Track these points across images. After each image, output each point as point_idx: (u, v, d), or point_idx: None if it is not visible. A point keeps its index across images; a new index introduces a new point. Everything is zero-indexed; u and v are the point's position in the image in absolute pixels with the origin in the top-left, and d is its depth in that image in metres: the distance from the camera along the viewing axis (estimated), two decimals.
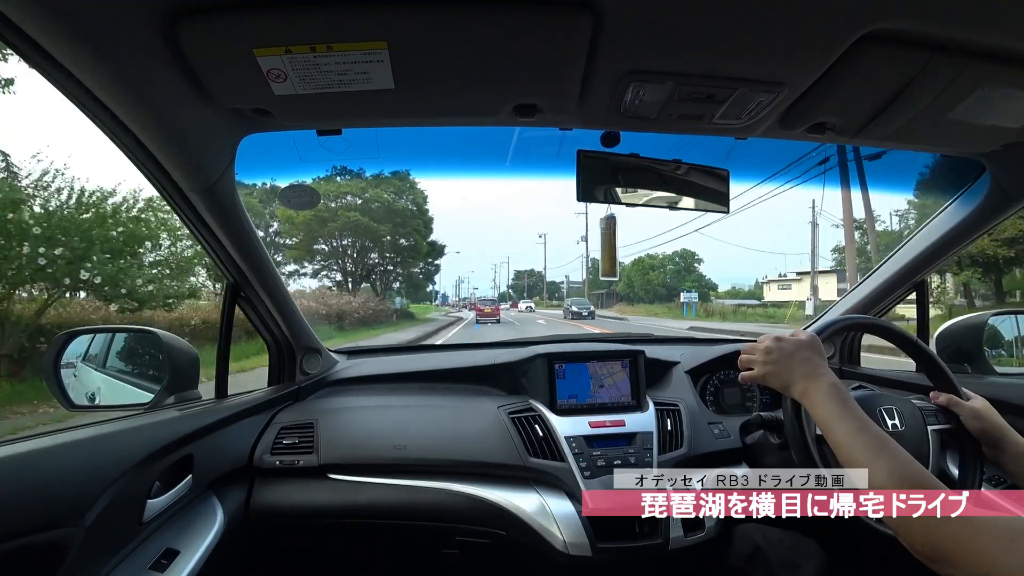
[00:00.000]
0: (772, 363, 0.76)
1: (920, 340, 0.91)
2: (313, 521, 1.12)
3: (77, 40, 0.58)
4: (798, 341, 0.77)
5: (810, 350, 0.76)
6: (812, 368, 0.73)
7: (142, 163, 0.81)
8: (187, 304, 7.84)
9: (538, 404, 1.20)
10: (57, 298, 6.27)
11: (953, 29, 0.63)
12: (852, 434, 0.64)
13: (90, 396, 1.11)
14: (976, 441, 0.82)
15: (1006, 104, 0.78)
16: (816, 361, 0.74)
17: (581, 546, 0.99)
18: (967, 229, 1.14)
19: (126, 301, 6.38)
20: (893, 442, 0.63)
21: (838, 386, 0.70)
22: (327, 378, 1.41)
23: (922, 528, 0.54)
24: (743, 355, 0.82)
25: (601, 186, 0.98)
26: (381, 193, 18.11)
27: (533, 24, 0.62)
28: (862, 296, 1.39)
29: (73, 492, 0.69)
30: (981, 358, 1.20)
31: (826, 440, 0.70)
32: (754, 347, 0.80)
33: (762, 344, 0.79)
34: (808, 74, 0.71)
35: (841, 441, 0.65)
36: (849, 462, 0.64)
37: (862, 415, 0.66)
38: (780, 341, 0.77)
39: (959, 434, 0.84)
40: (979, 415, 0.81)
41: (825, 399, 0.69)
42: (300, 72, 0.66)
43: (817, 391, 0.70)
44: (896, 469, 0.59)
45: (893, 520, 0.57)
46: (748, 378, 0.80)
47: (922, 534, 0.54)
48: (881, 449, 0.62)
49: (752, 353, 0.80)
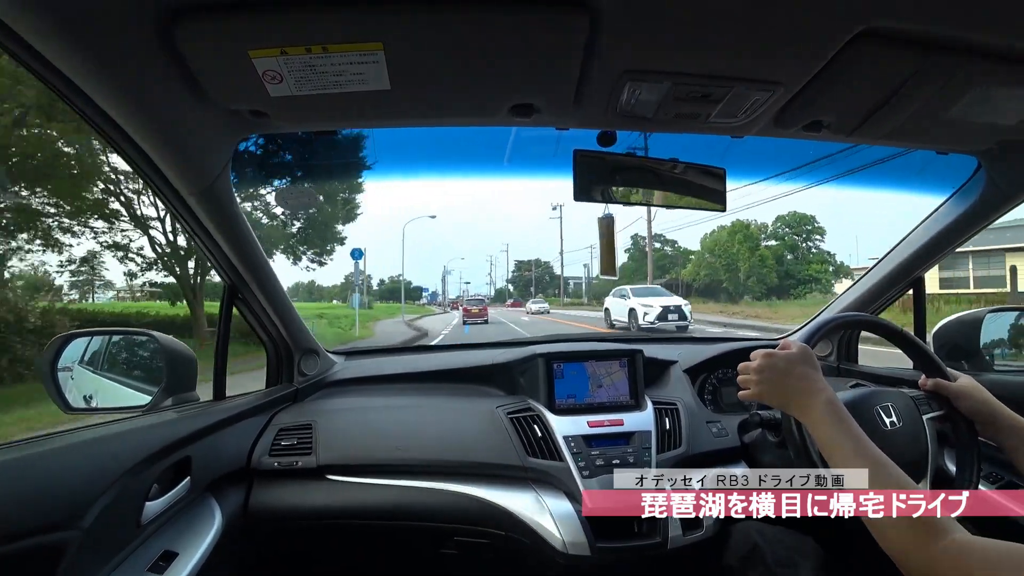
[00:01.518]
0: (766, 382, 0.76)
1: (910, 333, 0.91)
2: (312, 522, 1.12)
3: (72, 41, 0.58)
4: (790, 356, 0.76)
5: (803, 364, 0.75)
6: (806, 385, 0.73)
7: (138, 165, 0.81)
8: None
9: (536, 404, 1.20)
10: None
11: (948, 27, 0.63)
12: (850, 457, 0.65)
13: (87, 398, 1.10)
14: (970, 421, 0.82)
15: (1001, 102, 0.79)
16: (810, 376, 0.74)
17: (580, 546, 0.99)
18: (963, 226, 1.14)
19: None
20: (891, 463, 0.64)
21: (833, 403, 0.70)
22: (325, 379, 1.41)
23: (919, 559, 0.55)
24: (739, 375, 0.82)
25: (598, 185, 0.98)
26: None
27: (529, 24, 0.62)
28: (859, 294, 1.40)
29: (71, 495, 0.69)
30: (978, 355, 1.21)
31: (826, 461, 0.71)
32: (747, 366, 0.80)
33: (755, 362, 0.79)
34: (803, 73, 0.71)
35: (839, 464, 0.66)
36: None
37: (859, 435, 0.67)
38: (772, 358, 0.77)
39: (952, 418, 0.85)
40: (967, 394, 0.82)
41: (821, 420, 0.69)
42: (296, 73, 0.66)
43: (814, 410, 0.71)
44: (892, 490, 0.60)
45: (892, 551, 0.58)
46: (746, 397, 0.80)
47: (920, 566, 0.55)
48: (878, 471, 0.63)
49: (747, 372, 0.80)
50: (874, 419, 0.83)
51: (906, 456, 0.81)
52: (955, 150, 1.00)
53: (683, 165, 0.99)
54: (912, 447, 0.83)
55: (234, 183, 0.95)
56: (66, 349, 1.02)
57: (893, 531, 0.58)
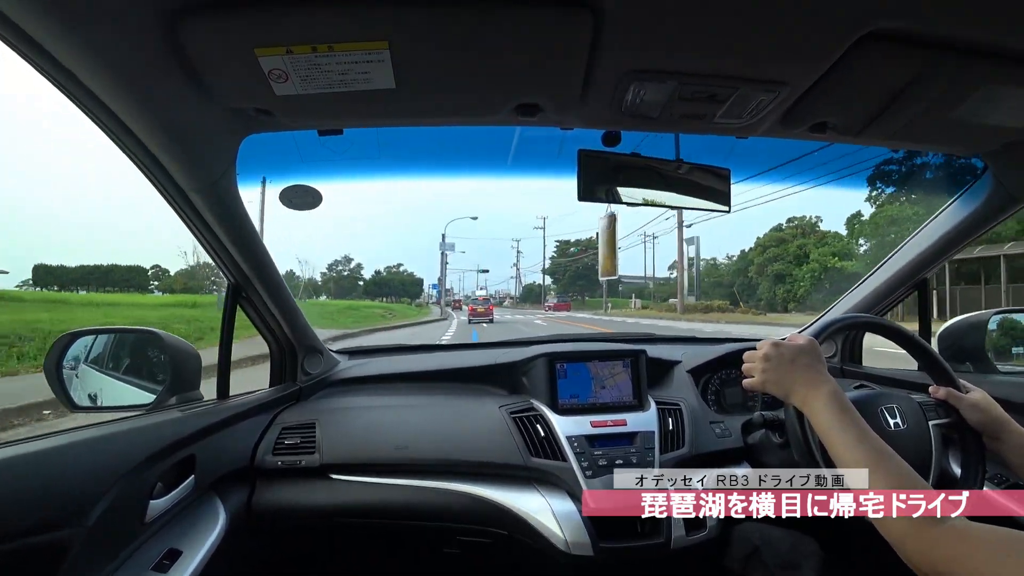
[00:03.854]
0: (772, 371, 0.76)
1: (918, 336, 0.91)
2: (315, 521, 1.12)
3: (78, 39, 0.58)
4: (797, 347, 0.76)
5: (809, 356, 0.75)
6: (812, 375, 0.73)
7: (142, 162, 0.81)
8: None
9: (539, 404, 1.20)
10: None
11: (954, 28, 0.63)
12: (851, 446, 0.65)
13: (92, 397, 1.11)
14: (977, 433, 0.82)
15: (1008, 103, 0.78)
16: (816, 367, 0.74)
17: (583, 546, 0.99)
18: (969, 228, 1.13)
19: None
20: (894, 454, 0.63)
21: (838, 394, 0.70)
22: (329, 378, 1.41)
23: (918, 544, 0.55)
24: (744, 363, 0.81)
25: (602, 185, 0.98)
26: None
27: (534, 23, 0.62)
28: (864, 295, 1.39)
29: (75, 493, 0.69)
30: (983, 357, 1.20)
31: (827, 450, 0.70)
32: (753, 354, 0.80)
33: (761, 351, 0.78)
34: (809, 73, 0.71)
35: (841, 453, 0.66)
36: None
37: (862, 425, 0.66)
38: (779, 348, 0.77)
39: (959, 427, 0.84)
40: (978, 407, 0.81)
41: (825, 408, 0.69)
42: (301, 72, 0.66)
43: (817, 399, 0.70)
44: (895, 481, 0.60)
45: (891, 536, 0.58)
46: (749, 385, 0.80)
47: (918, 551, 0.55)
48: (881, 461, 0.62)
49: (752, 360, 0.80)
50: (878, 419, 0.83)
51: (909, 458, 0.80)
52: (961, 151, 1.00)
53: (688, 165, 0.99)
54: (915, 450, 0.83)
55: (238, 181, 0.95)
56: (72, 347, 1.02)
57: (894, 515, 0.58)
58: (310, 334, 1.38)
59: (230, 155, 0.88)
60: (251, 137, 0.86)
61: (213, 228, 0.98)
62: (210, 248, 1.05)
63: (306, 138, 0.90)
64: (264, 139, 0.88)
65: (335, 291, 47.72)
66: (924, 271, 1.28)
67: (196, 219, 0.96)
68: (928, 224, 1.22)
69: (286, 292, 1.23)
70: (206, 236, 1.01)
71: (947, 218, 1.16)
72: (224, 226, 0.99)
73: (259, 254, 1.09)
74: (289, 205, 1.14)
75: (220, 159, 0.87)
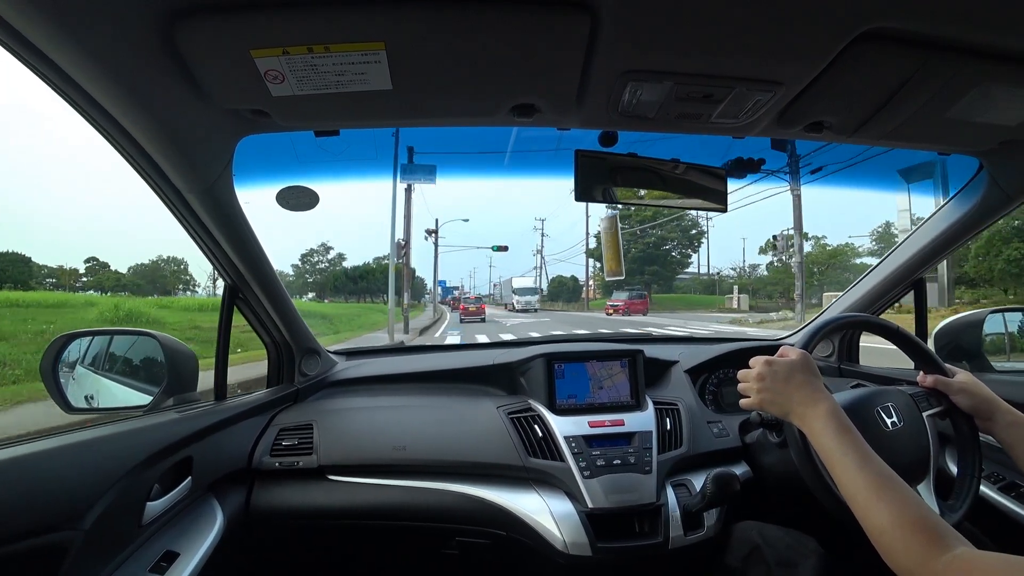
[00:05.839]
0: (767, 390, 0.75)
1: (902, 327, 0.91)
2: (313, 522, 1.12)
3: (73, 40, 0.58)
4: (789, 363, 0.75)
5: (803, 372, 0.74)
6: (808, 393, 0.72)
7: (139, 164, 0.81)
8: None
9: (537, 404, 1.20)
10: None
11: (950, 28, 0.63)
12: (853, 472, 0.63)
13: (89, 398, 1.11)
14: (969, 417, 0.83)
15: (1003, 102, 0.79)
16: (812, 383, 0.73)
17: (581, 546, 0.99)
18: (964, 227, 1.14)
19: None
20: (895, 477, 0.62)
21: (836, 412, 0.69)
22: (326, 379, 1.41)
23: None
24: (739, 383, 0.81)
25: (599, 186, 0.98)
26: None
27: (530, 24, 0.62)
28: (860, 295, 1.40)
29: (72, 495, 0.69)
30: (980, 355, 1.21)
31: (830, 473, 0.69)
32: (748, 373, 0.79)
33: (755, 370, 0.78)
34: (805, 73, 0.71)
35: (843, 478, 0.65)
36: (851, 499, 0.63)
37: (863, 448, 0.65)
38: (771, 365, 0.76)
39: (952, 413, 0.85)
40: (966, 389, 0.82)
41: (824, 429, 0.68)
42: (297, 73, 0.66)
43: (816, 419, 0.70)
44: (898, 509, 0.58)
45: (897, 568, 0.56)
46: (747, 405, 0.79)
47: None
48: (883, 488, 0.61)
49: (747, 380, 0.79)
50: (875, 421, 0.83)
51: (908, 456, 0.82)
52: (957, 150, 1.00)
53: (684, 165, 1.00)
54: (914, 447, 0.83)
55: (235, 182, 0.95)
56: (68, 348, 1.02)
57: (898, 545, 0.56)
58: (307, 335, 1.38)
59: (227, 156, 0.88)
60: (248, 138, 0.86)
61: (210, 229, 0.98)
62: (207, 250, 1.05)
63: (303, 139, 0.90)
64: (261, 140, 0.88)
65: (307, 289, 41.84)
66: (920, 270, 1.28)
67: (193, 221, 0.96)
68: (924, 223, 1.22)
69: (283, 293, 1.23)
70: (203, 238, 1.00)
71: (942, 217, 1.17)
72: (221, 227, 0.98)
73: (256, 255, 1.09)
74: (286, 206, 1.14)
75: (217, 160, 0.86)
